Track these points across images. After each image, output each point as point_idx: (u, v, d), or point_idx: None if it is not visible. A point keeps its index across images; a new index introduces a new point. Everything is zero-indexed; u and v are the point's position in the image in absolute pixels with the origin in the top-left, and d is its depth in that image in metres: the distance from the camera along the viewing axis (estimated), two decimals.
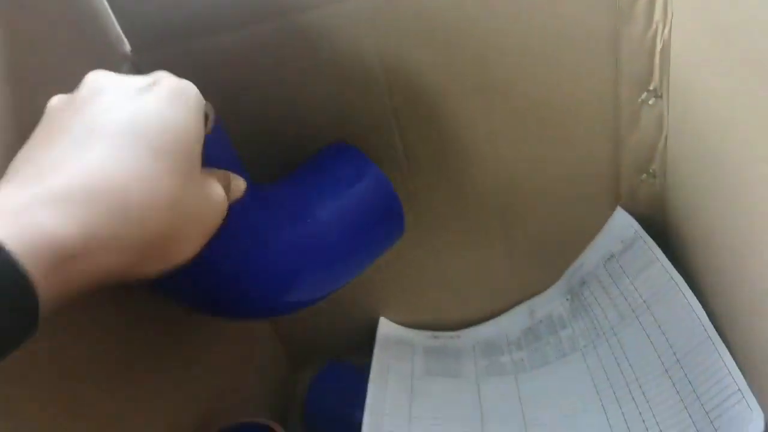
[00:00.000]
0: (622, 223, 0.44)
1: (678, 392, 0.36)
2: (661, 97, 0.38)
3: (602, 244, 0.45)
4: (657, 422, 0.36)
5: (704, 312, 0.36)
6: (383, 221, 0.38)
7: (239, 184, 0.28)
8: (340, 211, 0.35)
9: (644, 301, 0.41)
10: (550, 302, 0.48)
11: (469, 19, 0.35)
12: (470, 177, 0.43)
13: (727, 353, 0.34)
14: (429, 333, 0.51)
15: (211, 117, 0.26)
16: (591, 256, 0.46)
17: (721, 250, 0.36)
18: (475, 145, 0.41)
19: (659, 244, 0.41)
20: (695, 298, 0.37)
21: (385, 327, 0.50)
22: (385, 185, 0.37)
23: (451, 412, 0.43)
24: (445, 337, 0.51)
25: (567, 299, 0.46)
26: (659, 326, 0.39)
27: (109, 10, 0.35)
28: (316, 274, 0.34)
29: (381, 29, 0.36)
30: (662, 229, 0.44)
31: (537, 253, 0.47)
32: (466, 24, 0.36)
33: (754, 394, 0.32)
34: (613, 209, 0.44)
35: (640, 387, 0.38)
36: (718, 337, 0.35)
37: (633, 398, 0.38)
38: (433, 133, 0.40)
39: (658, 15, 0.35)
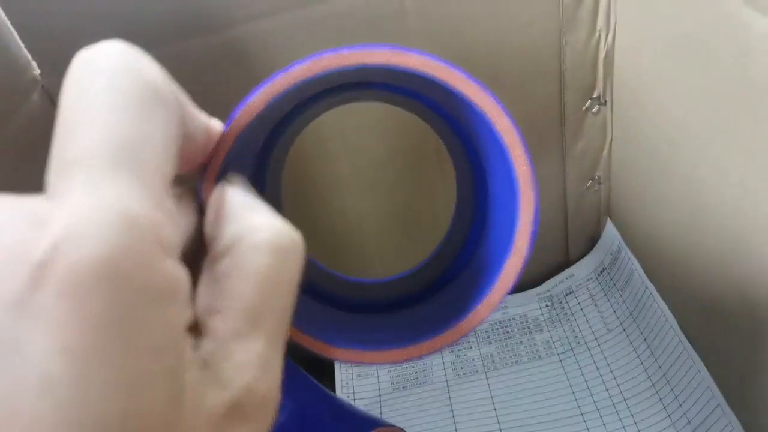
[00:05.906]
0: (611, 236, 0.43)
1: (665, 407, 0.36)
2: (605, 104, 0.38)
3: (595, 256, 0.45)
4: None
5: (676, 322, 0.36)
6: None
7: None
8: None
9: (630, 314, 0.41)
10: (525, 304, 0.46)
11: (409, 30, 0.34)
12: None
13: (703, 366, 0.34)
14: None
15: None
16: (583, 268, 0.45)
17: (669, 253, 0.36)
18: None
19: None
20: (668, 308, 0.37)
21: None
22: None
23: (423, 422, 0.42)
24: None
25: (546, 306, 0.46)
26: (645, 339, 0.39)
27: (11, 28, 0.31)
28: None
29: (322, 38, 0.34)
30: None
31: None
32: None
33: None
34: (560, 218, 0.44)
35: (625, 401, 0.38)
36: (692, 349, 0.35)
37: (616, 411, 0.38)
38: None
39: (601, 22, 0.35)
